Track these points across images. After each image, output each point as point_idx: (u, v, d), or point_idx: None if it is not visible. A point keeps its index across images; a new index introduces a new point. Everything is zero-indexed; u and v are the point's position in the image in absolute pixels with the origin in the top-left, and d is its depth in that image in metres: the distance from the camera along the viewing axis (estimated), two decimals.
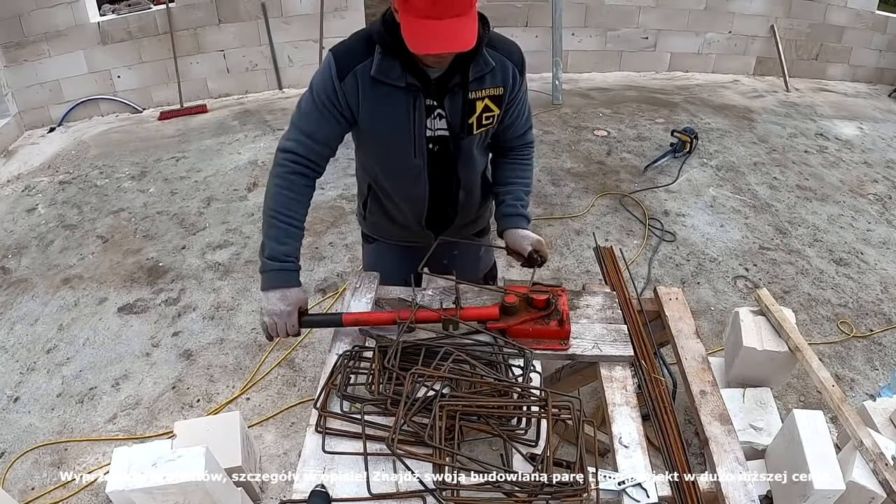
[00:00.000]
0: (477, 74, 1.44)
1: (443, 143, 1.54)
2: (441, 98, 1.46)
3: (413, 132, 1.49)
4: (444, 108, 1.47)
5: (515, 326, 1.43)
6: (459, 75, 1.43)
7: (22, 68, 5.06)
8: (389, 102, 1.44)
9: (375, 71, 1.40)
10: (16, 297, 3.23)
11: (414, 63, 1.40)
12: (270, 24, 5.60)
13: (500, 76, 1.48)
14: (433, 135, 1.52)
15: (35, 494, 2.22)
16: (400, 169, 1.59)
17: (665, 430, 1.35)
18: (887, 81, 6.68)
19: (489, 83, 1.47)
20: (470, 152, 1.59)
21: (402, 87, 1.42)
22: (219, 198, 4.11)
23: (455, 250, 1.83)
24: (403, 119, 1.46)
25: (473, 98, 1.46)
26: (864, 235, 3.81)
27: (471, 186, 1.69)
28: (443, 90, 1.44)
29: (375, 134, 1.52)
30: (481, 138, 1.58)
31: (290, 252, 1.47)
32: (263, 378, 2.70)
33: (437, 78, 1.43)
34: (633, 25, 6.26)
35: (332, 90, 1.43)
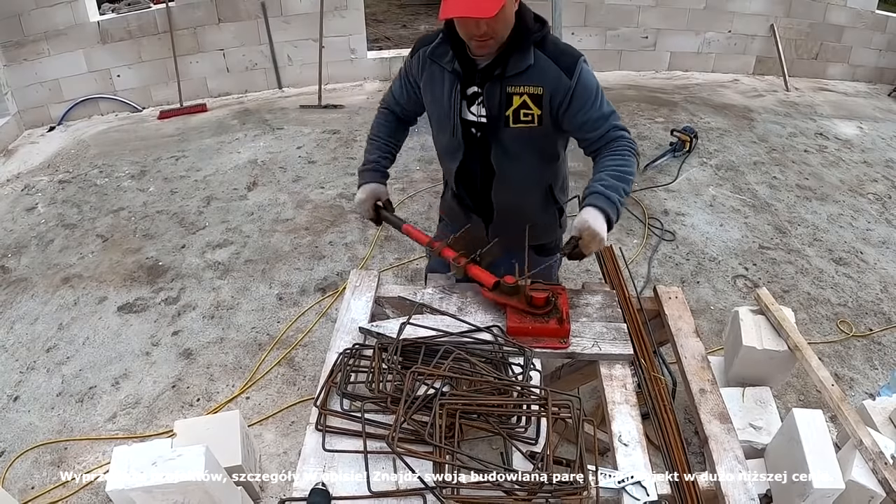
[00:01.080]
0: (516, 69, 1.52)
1: (484, 129, 1.64)
2: (484, 86, 1.57)
3: (451, 113, 1.63)
4: (484, 94, 1.57)
5: (514, 324, 1.44)
6: (500, 67, 1.53)
7: (22, 67, 5.06)
8: (438, 82, 1.64)
9: (430, 52, 1.62)
10: (15, 296, 3.23)
11: (464, 52, 1.56)
12: (270, 23, 5.60)
13: (540, 76, 1.53)
14: (476, 120, 1.63)
15: (35, 493, 2.22)
16: (444, 143, 1.76)
17: (665, 428, 1.35)
18: (887, 81, 6.68)
19: (528, 81, 1.54)
20: (508, 144, 1.64)
21: (449, 71, 1.59)
22: (218, 197, 4.11)
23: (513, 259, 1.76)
24: (446, 99, 1.63)
25: (511, 92, 1.55)
26: (863, 235, 3.81)
27: (513, 185, 1.72)
28: (486, 79, 1.56)
29: (428, 108, 1.75)
30: (522, 136, 1.61)
31: (375, 159, 1.81)
32: (263, 377, 2.70)
33: (483, 67, 1.56)
34: (632, 25, 6.26)
35: (407, 64, 1.73)
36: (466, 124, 1.66)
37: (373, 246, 3.58)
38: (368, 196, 1.79)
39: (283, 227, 3.77)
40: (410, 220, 3.78)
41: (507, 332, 1.44)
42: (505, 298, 1.50)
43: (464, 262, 1.57)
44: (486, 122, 1.62)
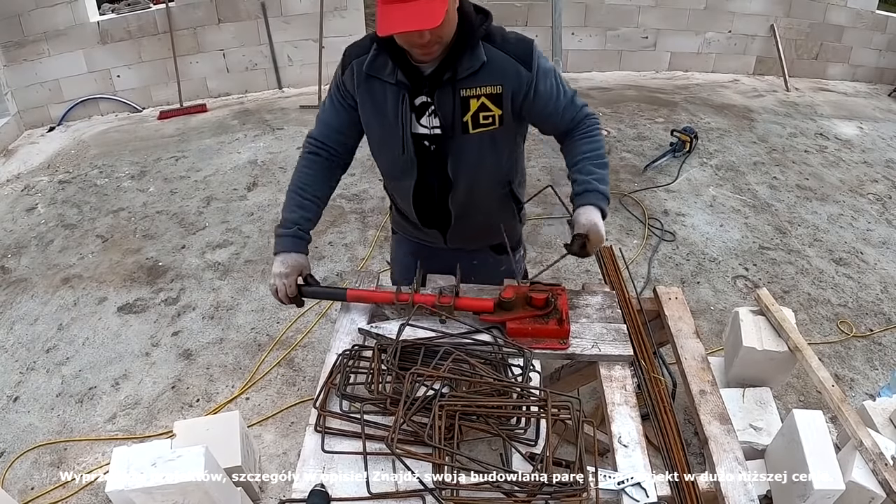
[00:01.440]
0: (469, 71, 1.40)
1: (438, 141, 1.51)
2: (433, 94, 1.44)
3: (401, 129, 1.48)
4: (435, 104, 1.45)
5: (514, 325, 1.43)
6: (450, 71, 1.40)
7: (22, 68, 5.06)
8: (380, 98, 1.48)
9: (367, 66, 1.45)
10: (15, 296, 3.23)
11: (405, 60, 1.42)
12: (270, 23, 5.60)
13: (497, 73, 1.42)
14: (429, 132, 1.50)
15: (35, 494, 2.22)
16: (391, 163, 1.61)
17: (665, 429, 1.35)
18: (887, 81, 6.68)
19: (484, 80, 1.42)
20: (467, 153, 1.52)
21: (392, 83, 1.44)
22: (218, 197, 4.11)
23: (474, 259, 1.79)
24: (391, 116, 1.48)
25: (466, 96, 1.43)
26: (863, 235, 3.81)
27: (473, 189, 1.61)
28: (435, 86, 1.43)
29: (368, 128, 1.57)
30: (483, 141, 1.51)
31: (296, 220, 1.56)
32: (263, 378, 2.70)
33: (430, 74, 1.43)
34: (632, 25, 6.26)
35: (339, 82, 1.53)
36: (418, 138, 1.51)
37: (372, 246, 3.58)
38: (292, 270, 1.52)
39: None
40: None
41: (506, 333, 1.44)
42: (507, 315, 1.45)
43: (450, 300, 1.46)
44: (440, 132, 1.48)
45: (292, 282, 1.52)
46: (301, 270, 1.54)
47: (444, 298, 1.46)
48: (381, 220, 3.81)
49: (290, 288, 1.52)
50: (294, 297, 1.55)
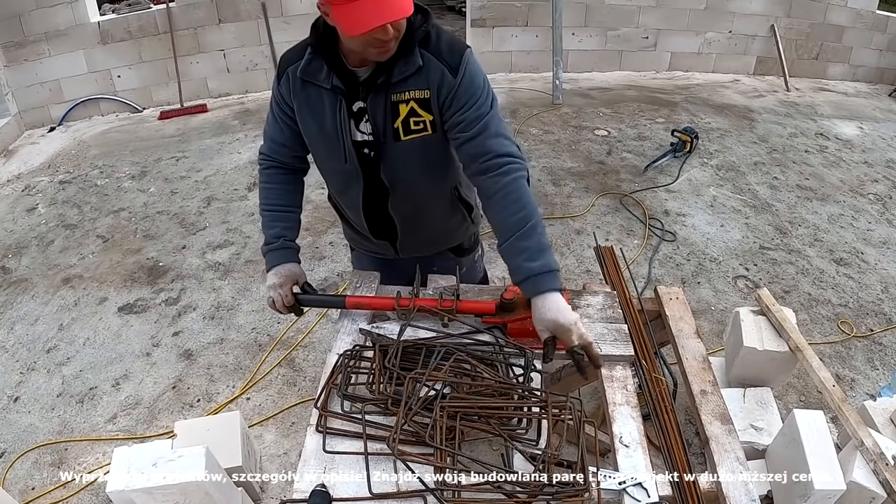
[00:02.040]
0: (402, 75, 1.34)
1: (375, 149, 1.45)
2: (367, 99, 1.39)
3: (340, 137, 1.43)
4: (368, 110, 1.39)
5: (515, 325, 1.43)
6: (384, 75, 1.34)
7: (22, 68, 5.06)
8: (317, 104, 1.43)
9: (302, 71, 1.40)
10: (16, 296, 3.23)
11: (341, 64, 1.37)
12: (270, 23, 5.60)
13: (425, 78, 1.35)
14: (367, 139, 1.44)
15: (35, 494, 2.22)
16: (335, 173, 1.57)
17: (665, 429, 1.35)
18: (887, 81, 6.68)
19: (413, 85, 1.35)
20: (401, 160, 1.46)
21: (328, 88, 1.39)
22: (219, 197, 4.11)
23: (433, 265, 1.74)
24: (330, 122, 1.42)
25: (396, 100, 1.36)
26: (864, 235, 3.81)
27: (414, 196, 1.55)
28: (369, 90, 1.37)
29: (307, 137, 1.51)
30: (415, 148, 1.43)
31: (278, 234, 1.54)
32: (264, 378, 2.70)
33: (364, 79, 1.37)
34: (633, 25, 6.26)
35: (277, 92, 1.48)
36: (358, 146, 1.45)
37: None
38: (285, 280, 1.49)
39: None
40: None
41: (507, 333, 1.44)
42: (508, 315, 1.43)
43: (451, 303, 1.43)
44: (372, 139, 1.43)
45: (287, 291, 1.50)
46: (296, 279, 1.52)
47: (445, 302, 1.46)
48: None
49: (287, 298, 1.50)
50: (292, 305, 1.52)
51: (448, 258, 1.81)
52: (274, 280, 1.50)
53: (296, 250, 1.56)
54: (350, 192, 1.57)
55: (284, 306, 1.52)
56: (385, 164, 1.46)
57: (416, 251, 1.74)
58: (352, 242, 1.89)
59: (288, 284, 1.51)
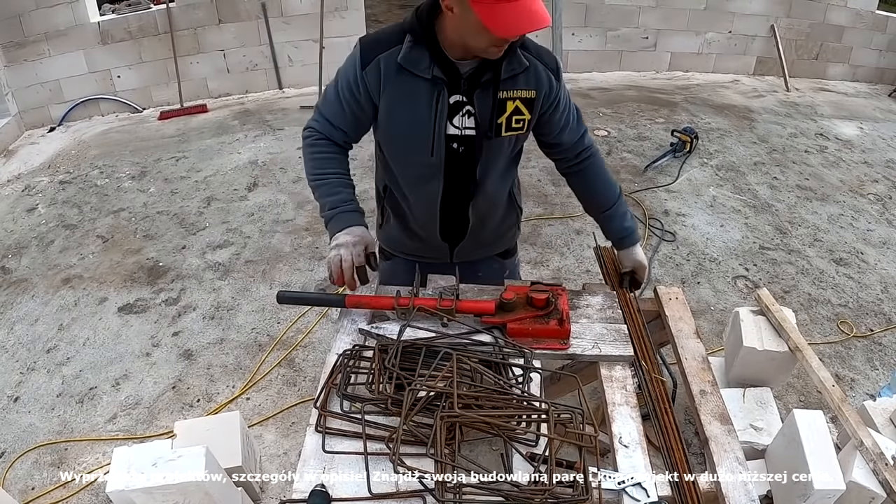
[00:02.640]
0: (510, 73, 1.41)
1: (468, 143, 1.48)
2: (471, 94, 1.42)
3: (433, 128, 1.44)
4: (474, 105, 1.43)
5: (515, 325, 1.43)
6: (491, 72, 1.39)
7: (22, 68, 5.06)
8: (412, 94, 1.41)
9: (402, 58, 1.38)
10: (16, 296, 3.23)
11: (443, 56, 1.39)
12: (270, 23, 5.60)
13: (533, 79, 1.44)
14: (460, 133, 1.47)
15: (35, 494, 2.22)
16: (415, 166, 1.54)
17: (665, 430, 1.35)
18: (887, 81, 6.68)
19: (522, 84, 1.43)
20: (495, 156, 1.52)
21: (428, 78, 1.39)
22: (219, 197, 4.11)
23: (479, 272, 1.76)
24: (424, 113, 1.42)
25: (504, 97, 1.42)
26: (864, 235, 3.81)
27: (491, 195, 1.61)
28: (473, 86, 1.41)
29: (393, 127, 1.48)
30: (510, 144, 1.52)
31: (344, 198, 1.49)
32: (263, 378, 2.70)
33: (468, 73, 1.40)
34: (633, 25, 6.26)
35: (354, 77, 1.43)
36: (448, 140, 1.47)
37: None
38: (359, 240, 1.45)
39: (284, 228, 3.77)
40: None
41: (507, 333, 1.44)
42: (508, 316, 1.44)
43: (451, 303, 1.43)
44: (473, 133, 1.46)
45: (360, 251, 1.43)
46: (367, 243, 1.46)
47: (444, 302, 1.46)
48: None
49: (358, 257, 1.43)
50: (361, 267, 1.45)
51: (494, 262, 1.83)
52: (347, 238, 1.42)
53: (363, 215, 1.51)
54: (429, 187, 1.55)
55: (353, 267, 1.43)
56: (483, 159, 1.51)
57: (469, 255, 1.74)
58: (393, 248, 1.80)
59: (361, 245, 1.45)
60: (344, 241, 1.43)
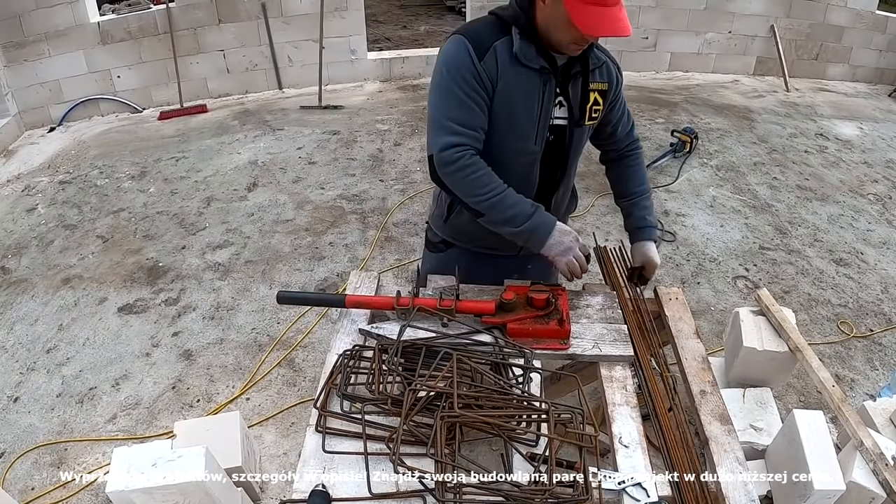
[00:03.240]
0: (593, 66, 1.53)
1: (558, 133, 1.56)
2: (565, 85, 1.51)
3: (539, 117, 1.50)
4: (568, 95, 1.52)
5: (515, 325, 1.43)
6: (580, 64, 1.50)
7: (22, 68, 5.06)
8: (524, 83, 1.46)
9: (518, 49, 1.42)
10: (16, 297, 3.23)
11: (545, 49, 1.46)
12: (270, 23, 5.60)
13: (606, 73, 1.57)
14: (553, 123, 1.54)
15: (35, 494, 2.22)
16: (518, 154, 1.54)
17: (668, 429, 1.35)
18: (887, 81, 6.68)
19: (598, 77, 1.55)
20: (579, 145, 1.62)
21: (537, 69, 1.45)
22: (219, 198, 4.11)
23: (529, 264, 1.80)
24: (534, 102, 1.48)
25: (590, 89, 1.54)
26: (864, 235, 3.81)
27: (570, 181, 1.73)
28: (566, 78, 1.50)
29: (505, 115, 1.48)
30: (588, 132, 1.63)
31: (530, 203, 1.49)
32: (263, 378, 2.70)
33: (562, 65, 1.49)
34: (633, 25, 6.24)
35: (473, 71, 1.41)
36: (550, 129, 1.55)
37: (373, 247, 3.58)
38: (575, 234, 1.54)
39: (284, 228, 3.77)
40: (411, 221, 3.80)
41: (507, 333, 1.44)
42: (508, 316, 1.45)
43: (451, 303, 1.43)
44: (565, 123, 1.55)
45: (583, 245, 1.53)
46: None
47: (445, 302, 1.46)
48: (381, 221, 3.81)
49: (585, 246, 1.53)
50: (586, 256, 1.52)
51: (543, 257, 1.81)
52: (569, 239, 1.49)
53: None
54: (529, 176, 1.60)
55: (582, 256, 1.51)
56: (573, 147, 1.60)
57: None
58: (457, 238, 1.79)
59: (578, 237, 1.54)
60: (571, 245, 1.49)
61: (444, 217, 1.78)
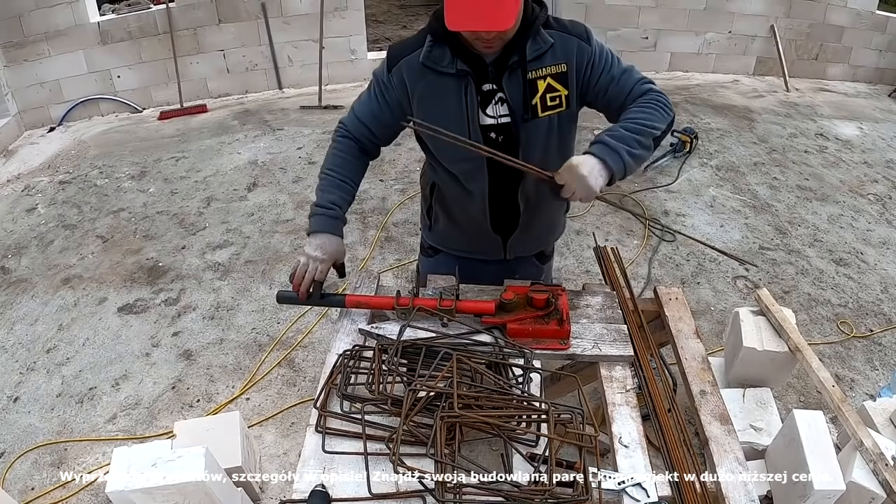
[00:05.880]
0: (535, 53, 1.39)
1: (506, 132, 1.47)
2: (500, 80, 1.41)
3: (466, 121, 1.44)
4: (504, 91, 1.42)
5: (515, 326, 1.43)
6: (517, 54, 1.38)
7: (22, 68, 5.06)
8: (440, 91, 1.43)
9: (424, 57, 1.40)
10: (16, 297, 3.23)
11: (465, 49, 1.39)
12: (270, 23, 5.60)
13: (560, 52, 1.42)
14: (496, 122, 1.46)
15: (35, 494, 2.22)
16: (458, 161, 1.54)
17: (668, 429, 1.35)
18: (887, 81, 6.68)
19: (549, 61, 1.41)
20: (536, 139, 1.49)
21: (452, 73, 1.40)
22: (219, 198, 4.11)
23: (517, 273, 1.77)
24: (455, 108, 1.43)
25: (534, 77, 1.41)
26: (864, 235, 3.81)
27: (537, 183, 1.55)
28: (500, 72, 1.40)
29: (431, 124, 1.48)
30: (551, 124, 1.48)
31: (335, 201, 1.50)
32: (263, 378, 2.70)
33: (493, 61, 1.40)
34: (633, 25, 6.26)
35: (383, 82, 1.48)
36: (484, 130, 1.46)
37: (373, 247, 3.58)
38: (329, 256, 1.47)
39: (284, 228, 3.77)
40: (411, 221, 3.79)
41: (506, 333, 1.44)
42: (508, 316, 1.45)
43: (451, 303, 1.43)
44: (508, 120, 1.45)
45: (325, 268, 1.47)
46: (336, 259, 1.51)
47: (445, 302, 1.46)
48: (380, 221, 3.81)
49: (322, 274, 1.46)
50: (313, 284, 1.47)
51: (532, 265, 1.83)
52: (318, 253, 1.45)
53: (343, 223, 1.53)
54: (475, 181, 1.56)
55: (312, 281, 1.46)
56: (522, 144, 1.48)
57: (522, 251, 1.76)
58: (443, 245, 1.82)
59: (329, 262, 1.48)
60: (314, 255, 1.46)
61: (428, 225, 1.81)
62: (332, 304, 1.55)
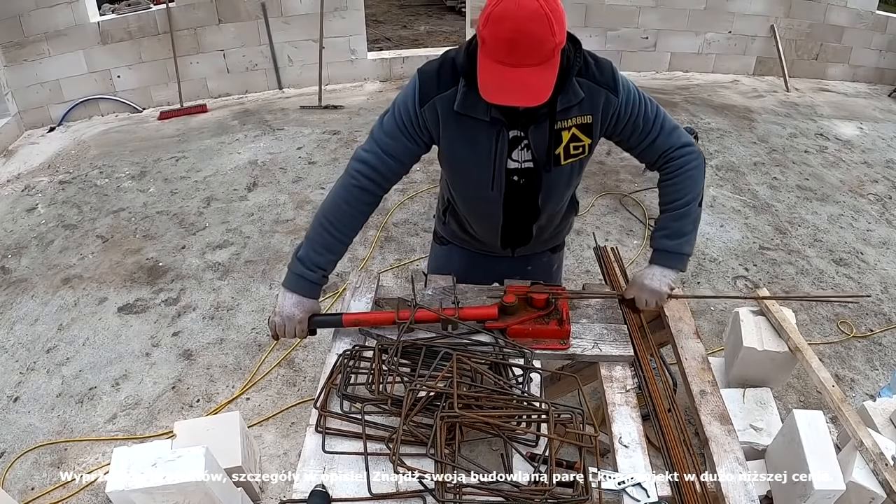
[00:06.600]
0: (565, 105, 1.37)
1: (528, 175, 1.49)
2: (527, 128, 1.40)
3: (493, 165, 1.44)
4: (530, 139, 1.41)
5: (515, 326, 1.43)
6: (546, 106, 1.33)
7: (22, 68, 5.06)
8: (472, 135, 1.41)
9: (459, 105, 1.37)
10: (16, 296, 3.23)
11: None
12: (270, 23, 5.60)
13: (588, 105, 1.40)
14: (519, 167, 1.47)
15: (35, 494, 2.22)
16: (476, 199, 1.58)
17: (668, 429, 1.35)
18: (887, 81, 6.68)
19: (576, 112, 1.40)
20: (556, 184, 1.52)
21: (487, 120, 1.38)
22: (219, 198, 4.11)
23: (528, 265, 1.80)
24: (484, 153, 1.43)
25: (559, 128, 1.40)
26: (864, 235, 3.81)
27: (553, 215, 1.65)
28: (529, 121, 1.39)
29: (454, 163, 1.52)
30: (572, 170, 1.51)
31: (322, 264, 1.46)
32: (263, 378, 2.70)
33: (524, 109, 1.37)
34: (633, 25, 6.26)
35: (413, 114, 1.41)
36: (508, 173, 1.48)
37: (373, 247, 3.58)
38: (305, 313, 1.46)
39: (284, 228, 3.77)
40: (411, 221, 3.79)
41: (507, 333, 1.44)
42: (510, 319, 1.45)
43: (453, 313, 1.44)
44: (531, 166, 1.46)
45: (304, 327, 1.47)
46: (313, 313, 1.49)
47: (447, 311, 1.45)
48: (380, 221, 3.81)
49: (303, 332, 1.48)
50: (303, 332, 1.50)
51: (544, 256, 1.86)
52: (296, 312, 1.44)
53: (322, 285, 1.49)
54: (491, 216, 1.60)
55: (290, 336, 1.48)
56: (543, 189, 1.51)
57: (529, 251, 1.78)
58: (456, 240, 1.84)
59: (304, 324, 1.47)
60: (290, 314, 1.45)
61: (442, 220, 1.84)
62: (329, 326, 1.53)
